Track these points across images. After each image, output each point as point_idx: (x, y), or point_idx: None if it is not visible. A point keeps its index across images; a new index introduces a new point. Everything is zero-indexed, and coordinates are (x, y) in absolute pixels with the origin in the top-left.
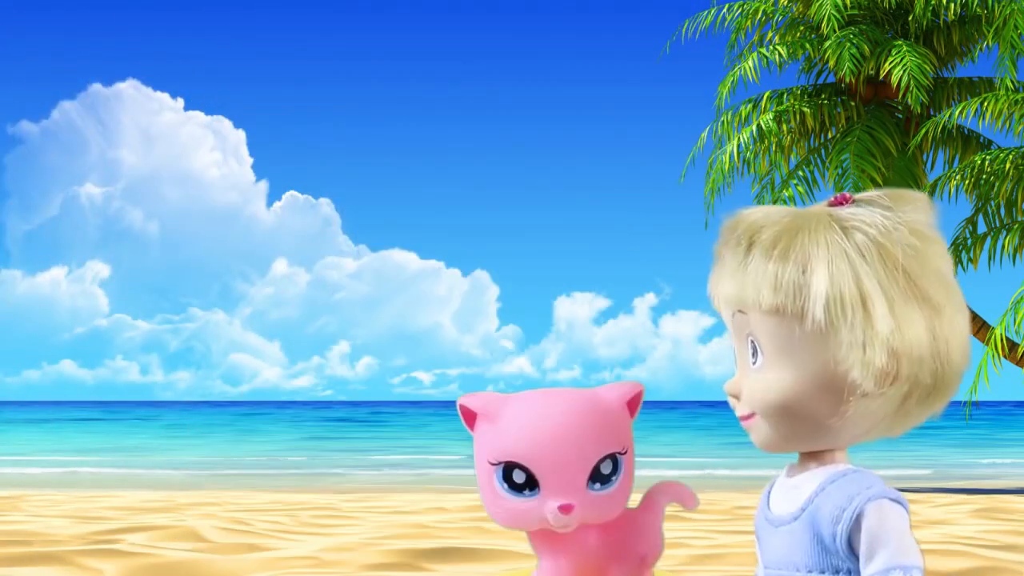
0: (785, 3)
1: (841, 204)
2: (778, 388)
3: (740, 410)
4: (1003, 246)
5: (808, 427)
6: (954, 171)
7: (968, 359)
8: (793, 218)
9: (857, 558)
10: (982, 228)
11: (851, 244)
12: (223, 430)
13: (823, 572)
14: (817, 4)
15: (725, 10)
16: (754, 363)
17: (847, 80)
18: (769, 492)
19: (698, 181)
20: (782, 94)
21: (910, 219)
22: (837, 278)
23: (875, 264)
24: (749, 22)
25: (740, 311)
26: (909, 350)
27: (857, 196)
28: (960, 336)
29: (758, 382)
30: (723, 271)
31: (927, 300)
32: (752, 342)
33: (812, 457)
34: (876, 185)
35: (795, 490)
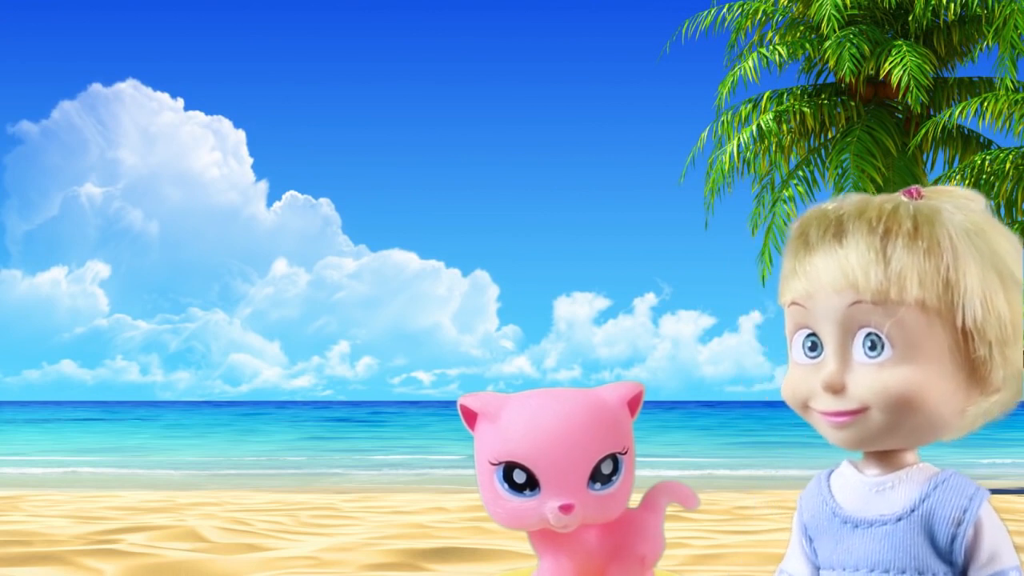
0: (785, 3)
1: (917, 197)
2: (913, 383)
3: (845, 404)
4: None
5: (926, 423)
6: (954, 171)
7: None
8: (919, 208)
9: (953, 561)
10: None
11: (980, 240)
12: (223, 430)
13: (921, 573)
14: (817, 4)
15: (725, 10)
16: (874, 356)
17: (847, 80)
18: (830, 490)
19: (698, 181)
20: (782, 94)
21: (983, 212)
22: (987, 276)
23: (1000, 259)
24: (749, 22)
25: (859, 301)
26: None
27: (923, 191)
28: None
29: (884, 375)
30: (829, 259)
31: None
32: (870, 334)
33: (893, 454)
34: (876, 185)
35: (891, 490)
